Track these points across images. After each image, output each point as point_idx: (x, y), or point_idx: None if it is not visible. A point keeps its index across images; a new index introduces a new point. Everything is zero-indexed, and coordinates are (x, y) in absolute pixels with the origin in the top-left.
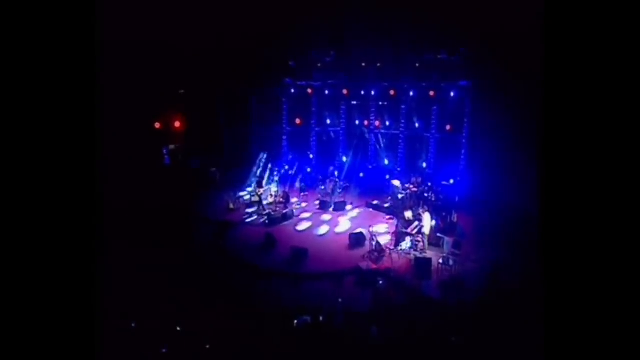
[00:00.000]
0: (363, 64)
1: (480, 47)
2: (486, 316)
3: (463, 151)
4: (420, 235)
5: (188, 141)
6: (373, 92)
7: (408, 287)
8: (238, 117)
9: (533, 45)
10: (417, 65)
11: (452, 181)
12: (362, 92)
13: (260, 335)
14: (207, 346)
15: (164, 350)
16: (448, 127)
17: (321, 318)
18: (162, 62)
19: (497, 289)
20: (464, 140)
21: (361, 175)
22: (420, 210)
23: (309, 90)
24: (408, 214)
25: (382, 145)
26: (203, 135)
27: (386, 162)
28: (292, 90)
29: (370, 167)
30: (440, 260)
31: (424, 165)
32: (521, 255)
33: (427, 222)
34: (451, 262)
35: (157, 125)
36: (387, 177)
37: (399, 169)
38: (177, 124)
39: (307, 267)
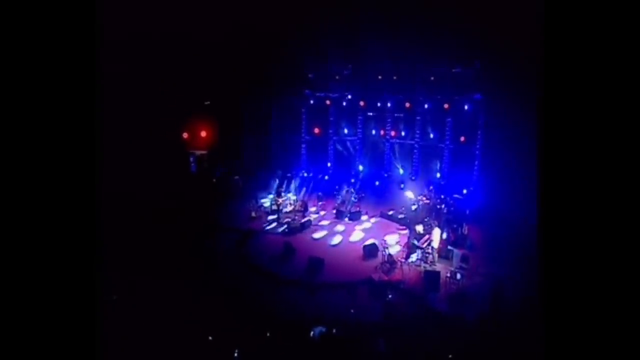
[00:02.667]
0: (379, 77)
1: (494, 62)
2: (489, 331)
3: (476, 162)
4: (430, 248)
5: (213, 150)
6: (389, 104)
7: (417, 300)
8: (260, 126)
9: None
10: (432, 78)
11: (465, 191)
12: (379, 104)
13: (274, 343)
14: (235, 354)
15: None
16: (462, 139)
17: (334, 330)
18: (190, 75)
19: (500, 305)
20: (477, 152)
21: (377, 183)
22: (432, 224)
23: (327, 102)
24: (419, 228)
25: (397, 154)
26: (227, 144)
27: (401, 171)
28: (311, 101)
29: (385, 175)
30: (448, 274)
31: (438, 175)
32: (530, 270)
33: (437, 236)
34: (458, 277)
35: (185, 135)
36: (402, 186)
37: (413, 178)
38: (203, 134)
39: (322, 277)
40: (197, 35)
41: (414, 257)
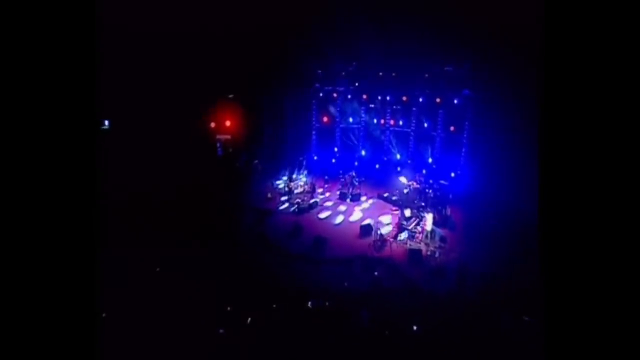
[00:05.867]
0: (380, 74)
1: (481, 62)
2: (456, 305)
3: (463, 149)
4: (418, 228)
5: (237, 139)
6: (388, 97)
7: (400, 274)
8: (276, 116)
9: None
10: (426, 75)
11: (453, 175)
12: (379, 97)
13: (281, 311)
14: (248, 320)
15: (221, 331)
16: (452, 128)
17: (327, 303)
18: (218, 73)
19: (466, 281)
20: (464, 140)
21: (377, 166)
22: (424, 212)
23: (335, 94)
24: (407, 212)
25: (395, 141)
26: (248, 132)
27: (398, 156)
28: (321, 94)
29: (385, 158)
30: (428, 252)
31: (430, 160)
32: (502, 249)
33: (429, 221)
34: (437, 255)
35: (212, 124)
36: (399, 169)
37: (409, 162)
38: (228, 123)
39: (325, 253)
40: (226, 41)
41: (402, 236)
